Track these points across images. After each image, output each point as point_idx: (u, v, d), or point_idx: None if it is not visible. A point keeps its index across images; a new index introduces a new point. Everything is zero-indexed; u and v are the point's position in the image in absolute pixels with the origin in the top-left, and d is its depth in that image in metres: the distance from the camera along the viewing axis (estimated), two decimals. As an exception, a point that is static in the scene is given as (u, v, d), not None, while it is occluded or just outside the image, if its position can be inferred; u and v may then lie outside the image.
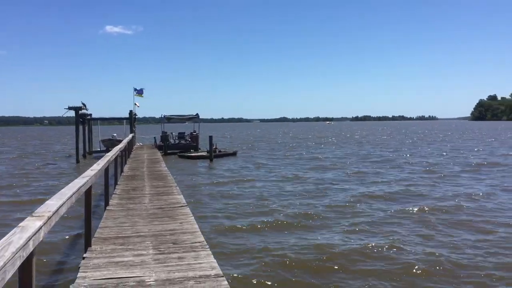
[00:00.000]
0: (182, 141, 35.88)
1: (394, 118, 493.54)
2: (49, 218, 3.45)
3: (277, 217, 11.89)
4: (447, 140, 52.50)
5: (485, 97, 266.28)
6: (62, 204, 3.99)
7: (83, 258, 5.52)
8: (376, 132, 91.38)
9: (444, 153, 33.00)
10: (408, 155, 31.61)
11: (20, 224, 3.08)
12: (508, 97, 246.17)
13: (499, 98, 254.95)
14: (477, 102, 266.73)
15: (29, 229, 2.99)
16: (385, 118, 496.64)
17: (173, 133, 36.72)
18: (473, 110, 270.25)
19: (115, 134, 36.15)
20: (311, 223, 11.31)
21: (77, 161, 29.10)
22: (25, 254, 2.80)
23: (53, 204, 3.85)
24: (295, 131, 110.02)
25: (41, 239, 3.21)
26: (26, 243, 2.81)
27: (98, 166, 7.37)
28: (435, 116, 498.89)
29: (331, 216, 12.09)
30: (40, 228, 3.17)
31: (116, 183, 12.36)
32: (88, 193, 6.08)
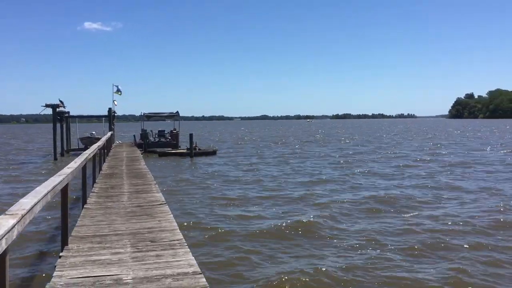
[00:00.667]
0: (162, 139, 35.65)
1: (374, 116, 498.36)
2: (23, 216, 3.41)
3: (259, 218, 11.94)
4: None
5: (462, 96, 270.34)
6: (37, 202, 3.95)
7: (60, 257, 5.46)
8: (366, 130, 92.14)
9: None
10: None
11: (-7, 223, 3.04)
12: (484, 95, 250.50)
13: (476, 97, 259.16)
14: (455, 100, 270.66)
15: (2, 227, 2.96)
16: (365, 116, 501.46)
17: (153, 131, 36.46)
18: (450, 108, 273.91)
19: (93, 132, 35.72)
20: (289, 231, 11.34)
21: (55, 159, 28.74)
22: (-3, 252, 2.77)
23: (27, 202, 3.80)
24: (276, 130, 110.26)
25: (14, 237, 3.18)
26: (-1, 241, 2.78)
27: (75, 164, 7.29)
28: (414, 114, 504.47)
29: (315, 220, 12.15)
30: (14, 226, 3.13)
31: (94, 181, 12.24)
32: (64, 191, 6.00)
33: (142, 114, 36.92)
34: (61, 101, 31.46)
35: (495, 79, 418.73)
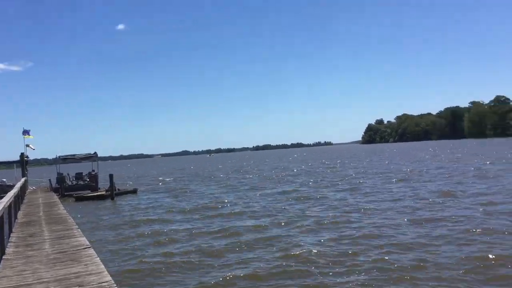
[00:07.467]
0: (80, 182, 34.41)
1: (293, 146, 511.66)
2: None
3: (184, 255, 11.99)
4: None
5: (373, 121, 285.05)
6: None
7: (-18, 311, 5.25)
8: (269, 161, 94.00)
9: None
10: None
11: None
12: (393, 120, 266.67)
13: (385, 122, 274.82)
14: (366, 126, 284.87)
15: None
16: (284, 146, 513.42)
17: (70, 174, 35.08)
18: (363, 134, 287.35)
19: (4, 179, 33.65)
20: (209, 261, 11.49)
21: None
22: None
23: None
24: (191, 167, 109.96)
25: None
26: None
27: (-8, 213, 7.03)
28: (330, 142, 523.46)
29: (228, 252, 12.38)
30: None
31: (10, 231, 11.64)
32: (-17, 243, 5.81)
33: (57, 157, 35.44)
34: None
35: (402, 103, 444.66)
